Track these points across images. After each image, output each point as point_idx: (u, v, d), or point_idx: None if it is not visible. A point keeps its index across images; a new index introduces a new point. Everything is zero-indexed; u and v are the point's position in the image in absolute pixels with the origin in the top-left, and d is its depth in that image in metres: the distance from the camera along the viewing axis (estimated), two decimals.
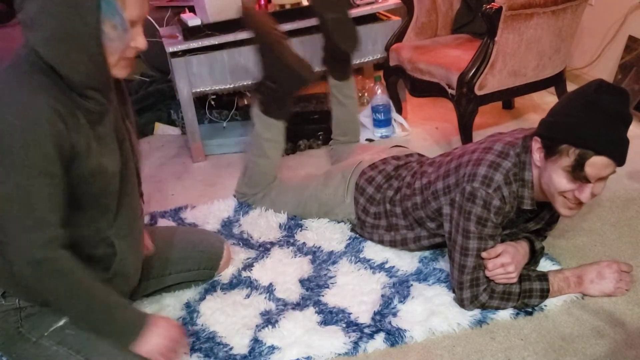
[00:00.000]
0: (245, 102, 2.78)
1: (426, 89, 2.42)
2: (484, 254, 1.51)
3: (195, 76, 2.43)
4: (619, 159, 1.37)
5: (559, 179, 1.40)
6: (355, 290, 1.67)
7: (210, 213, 2.09)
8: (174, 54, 2.41)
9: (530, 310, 1.55)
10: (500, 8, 2.04)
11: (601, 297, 1.57)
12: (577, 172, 1.36)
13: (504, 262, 1.50)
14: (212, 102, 2.75)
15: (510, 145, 1.50)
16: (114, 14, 1.06)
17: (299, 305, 1.63)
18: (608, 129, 1.35)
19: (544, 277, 1.55)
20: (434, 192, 1.60)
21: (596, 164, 1.35)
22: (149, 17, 2.92)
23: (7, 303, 1.33)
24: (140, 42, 1.14)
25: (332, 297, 1.64)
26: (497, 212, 1.47)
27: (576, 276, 1.58)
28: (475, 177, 1.48)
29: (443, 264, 1.74)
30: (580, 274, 1.59)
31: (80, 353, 1.33)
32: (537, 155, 1.45)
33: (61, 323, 1.35)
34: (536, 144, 1.44)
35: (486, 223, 1.48)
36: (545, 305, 1.56)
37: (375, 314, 1.56)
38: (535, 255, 1.64)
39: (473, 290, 1.53)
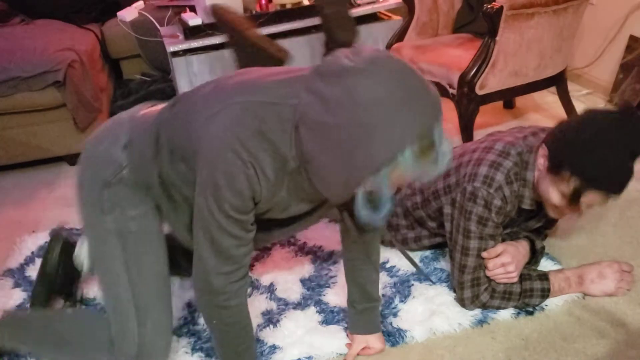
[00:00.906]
0: None
1: None
2: (484, 254, 1.51)
3: (196, 75, 2.43)
4: (618, 193, 1.37)
5: (554, 195, 1.42)
6: None
7: None
8: (175, 54, 2.41)
9: (531, 310, 1.55)
10: (502, 7, 2.04)
11: (602, 297, 1.57)
12: (572, 199, 1.39)
13: (504, 261, 1.51)
14: None
15: (511, 144, 1.50)
16: (383, 184, 0.99)
17: (300, 305, 1.63)
18: (616, 168, 1.33)
19: (544, 276, 1.55)
20: (434, 192, 1.60)
21: (594, 197, 1.37)
22: (150, 17, 2.92)
23: (122, 155, 1.31)
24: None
25: (333, 297, 1.64)
26: (498, 212, 1.47)
27: (577, 276, 1.58)
28: (476, 177, 1.48)
29: (444, 264, 1.74)
30: (581, 273, 1.59)
31: (125, 264, 1.32)
32: (541, 160, 1.44)
33: (133, 213, 1.33)
34: (543, 151, 1.44)
35: (487, 223, 1.48)
36: (546, 305, 1.56)
37: None
38: (535, 255, 1.64)
39: (474, 290, 1.53)
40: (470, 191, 1.48)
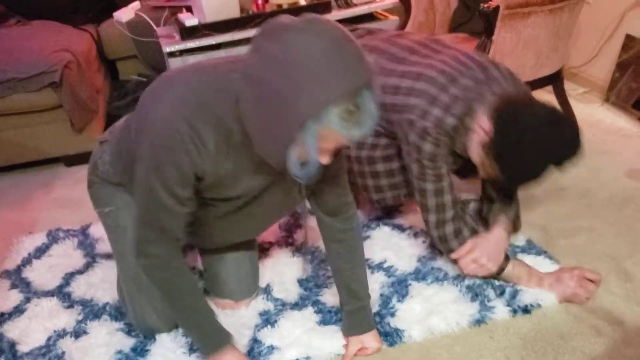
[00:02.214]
0: None
1: None
2: (453, 255, 1.58)
3: None
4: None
5: (477, 159, 1.47)
6: None
7: None
8: (171, 54, 2.41)
9: (528, 309, 1.55)
10: (498, 7, 2.04)
11: (599, 296, 1.58)
12: (491, 176, 1.47)
13: (475, 257, 1.55)
14: None
15: (470, 90, 1.48)
16: (308, 141, 1.01)
17: (297, 305, 1.62)
18: (533, 175, 1.39)
19: (507, 257, 1.60)
20: (394, 86, 1.57)
21: None
22: (146, 17, 2.92)
23: (98, 151, 1.50)
24: (324, 160, 1.11)
25: (330, 297, 1.64)
26: (445, 147, 1.50)
27: (538, 276, 1.61)
28: (427, 115, 1.47)
29: (441, 263, 1.73)
30: (542, 275, 1.61)
31: (114, 253, 1.56)
32: (481, 132, 1.43)
33: (107, 210, 1.52)
34: (486, 126, 1.42)
35: (437, 158, 1.50)
36: (542, 301, 1.56)
37: (374, 314, 1.56)
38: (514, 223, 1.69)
39: (439, 230, 1.58)
40: (422, 128, 1.47)
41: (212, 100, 1.11)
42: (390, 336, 1.50)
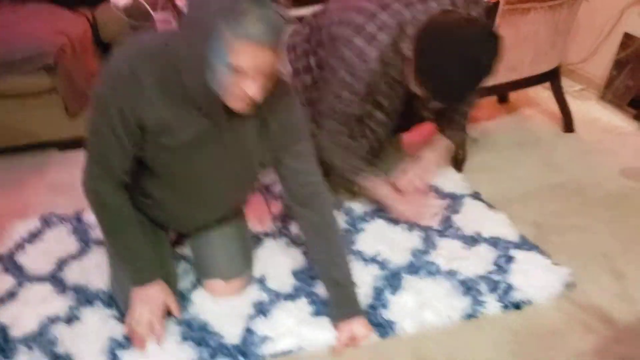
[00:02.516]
0: None
1: None
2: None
3: None
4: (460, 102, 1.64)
5: (413, 88, 1.53)
6: None
7: None
8: None
9: (519, 305, 1.56)
10: (498, 2, 2.04)
11: (592, 294, 1.59)
12: (426, 100, 1.58)
13: (411, 179, 1.78)
14: None
15: (397, 13, 1.50)
16: (219, 55, 1.11)
17: (291, 296, 1.63)
18: (458, 87, 1.41)
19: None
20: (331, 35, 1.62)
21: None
22: (143, 2, 2.89)
23: None
24: (250, 90, 1.15)
25: (324, 289, 1.64)
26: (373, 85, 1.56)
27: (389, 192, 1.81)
28: (352, 46, 1.50)
29: (434, 257, 1.74)
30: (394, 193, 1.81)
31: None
32: (410, 53, 1.46)
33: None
34: (412, 46, 1.45)
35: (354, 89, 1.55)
36: (533, 298, 1.57)
37: (367, 306, 1.57)
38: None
39: (334, 137, 1.68)
40: (349, 64, 1.51)
41: (158, 53, 1.22)
42: (382, 328, 1.51)
